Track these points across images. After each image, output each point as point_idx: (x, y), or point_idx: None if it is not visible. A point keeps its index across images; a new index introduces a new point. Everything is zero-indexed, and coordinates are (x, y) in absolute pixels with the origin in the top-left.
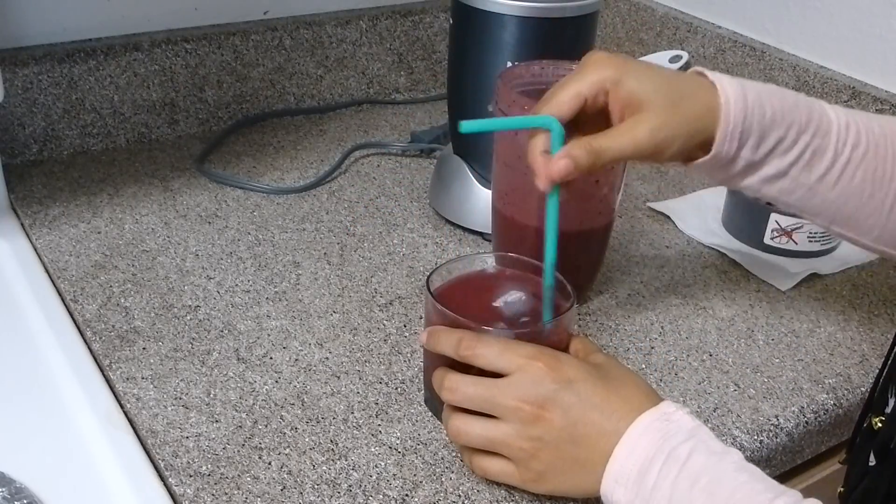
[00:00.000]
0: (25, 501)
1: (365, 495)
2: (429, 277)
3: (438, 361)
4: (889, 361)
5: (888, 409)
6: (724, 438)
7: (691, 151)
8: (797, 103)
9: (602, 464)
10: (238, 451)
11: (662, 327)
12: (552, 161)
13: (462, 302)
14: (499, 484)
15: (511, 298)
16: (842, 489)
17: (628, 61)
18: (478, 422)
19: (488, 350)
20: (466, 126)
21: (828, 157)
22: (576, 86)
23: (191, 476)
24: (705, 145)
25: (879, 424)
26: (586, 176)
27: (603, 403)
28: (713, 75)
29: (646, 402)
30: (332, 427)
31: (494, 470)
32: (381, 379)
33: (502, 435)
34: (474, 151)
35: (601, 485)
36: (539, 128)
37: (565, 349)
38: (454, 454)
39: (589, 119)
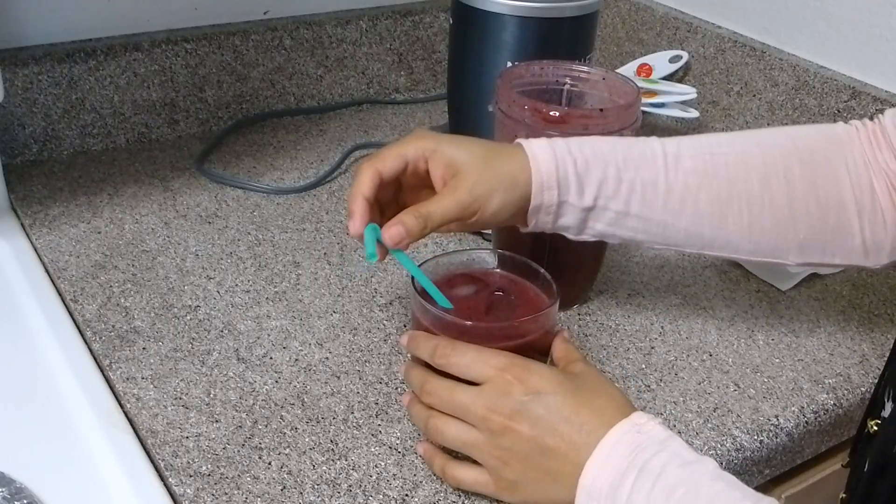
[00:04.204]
0: (25, 501)
1: (365, 495)
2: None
3: (422, 362)
4: (887, 365)
5: (884, 413)
6: (723, 438)
7: (521, 214)
8: (614, 147)
9: (575, 476)
10: (238, 451)
11: (662, 327)
12: (385, 228)
13: (446, 297)
14: None
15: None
16: (843, 495)
17: (444, 135)
18: (454, 424)
19: (461, 359)
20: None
21: (661, 188)
22: (400, 149)
23: (191, 476)
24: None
25: (875, 428)
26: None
27: (573, 416)
28: (523, 140)
29: (617, 415)
30: (332, 427)
31: (469, 480)
32: (381, 379)
33: (474, 440)
34: None
35: (575, 498)
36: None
37: (547, 348)
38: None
39: (418, 189)
